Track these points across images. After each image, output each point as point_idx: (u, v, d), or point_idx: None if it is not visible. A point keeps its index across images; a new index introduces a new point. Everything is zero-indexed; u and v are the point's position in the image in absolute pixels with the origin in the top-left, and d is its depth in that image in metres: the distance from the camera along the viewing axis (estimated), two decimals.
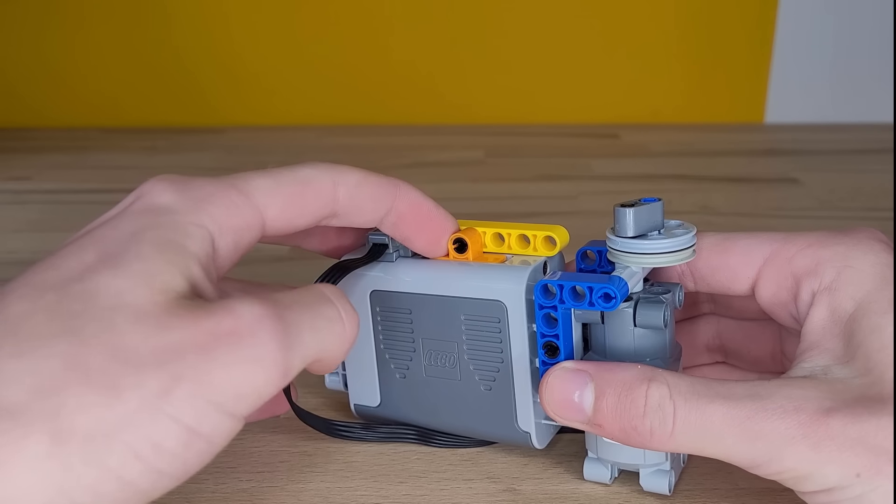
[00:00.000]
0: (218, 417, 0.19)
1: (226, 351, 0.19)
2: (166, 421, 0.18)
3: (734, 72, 0.86)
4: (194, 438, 0.19)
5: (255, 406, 0.20)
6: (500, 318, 0.28)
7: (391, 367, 0.31)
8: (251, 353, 0.19)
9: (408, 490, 0.29)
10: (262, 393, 0.20)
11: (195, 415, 0.19)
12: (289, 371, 0.20)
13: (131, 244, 0.20)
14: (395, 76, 0.87)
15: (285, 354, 0.20)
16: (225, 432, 0.19)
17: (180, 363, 0.19)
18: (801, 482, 0.23)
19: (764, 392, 0.23)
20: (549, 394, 0.25)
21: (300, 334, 0.21)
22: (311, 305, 0.22)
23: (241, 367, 0.19)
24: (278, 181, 0.24)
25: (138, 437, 0.18)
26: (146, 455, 0.18)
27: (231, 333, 0.19)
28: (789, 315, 0.27)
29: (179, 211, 0.22)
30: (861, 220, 0.58)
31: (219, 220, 0.22)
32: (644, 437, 0.24)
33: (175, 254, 0.21)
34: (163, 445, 0.18)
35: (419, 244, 0.28)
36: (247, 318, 0.20)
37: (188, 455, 0.19)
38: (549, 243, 0.28)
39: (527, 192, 0.65)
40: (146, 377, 0.18)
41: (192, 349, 0.19)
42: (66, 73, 0.86)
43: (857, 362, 0.23)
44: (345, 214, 0.26)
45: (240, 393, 0.19)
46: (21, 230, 0.56)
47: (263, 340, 0.20)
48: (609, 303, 0.25)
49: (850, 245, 0.26)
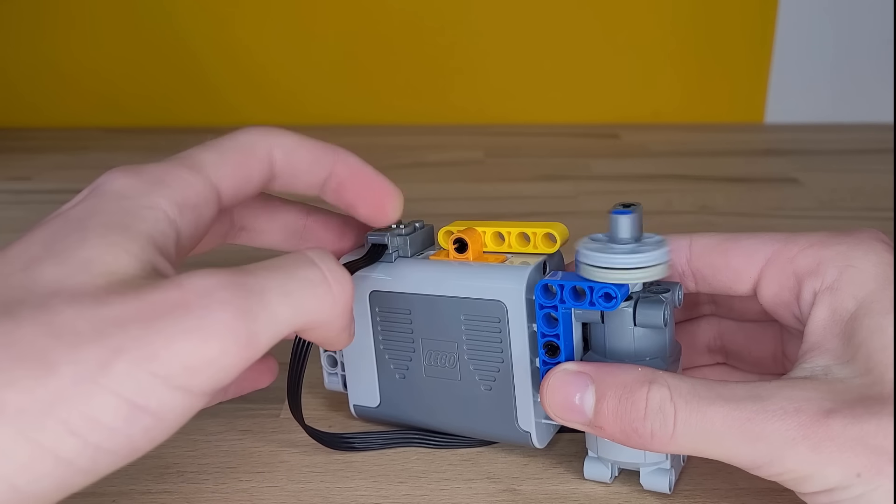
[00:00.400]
0: (166, 392, 0.18)
1: (171, 322, 0.18)
2: (104, 394, 0.17)
3: (734, 72, 0.86)
4: (138, 413, 0.18)
5: (217, 380, 0.19)
6: (501, 318, 0.28)
7: (391, 368, 0.31)
8: (200, 324, 0.18)
9: (408, 490, 0.29)
10: (223, 366, 0.19)
11: (137, 388, 0.18)
12: (254, 341, 0.19)
13: (76, 232, 0.20)
14: (395, 76, 0.87)
15: (244, 322, 0.19)
16: (178, 408, 0.19)
17: (121, 336, 0.18)
18: (802, 483, 0.23)
19: (764, 393, 0.23)
20: (549, 395, 0.26)
21: (264, 300, 0.20)
22: (282, 268, 0.21)
23: (189, 338, 0.18)
24: (222, 152, 0.24)
25: (73, 412, 0.17)
26: (82, 430, 0.17)
27: (178, 305, 0.19)
28: (792, 315, 0.27)
29: (131, 195, 0.22)
30: (861, 220, 0.58)
31: (175, 199, 0.22)
32: (645, 438, 0.24)
33: (121, 236, 0.20)
34: (100, 420, 0.17)
35: (364, 211, 0.27)
36: (195, 289, 0.19)
37: (132, 430, 0.18)
38: (549, 240, 0.28)
39: (527, 192, 0.65)
40: (83, 351, 0.18)
41: (134, 322, 0.18)
42: (66, 73, 0.86)
43: (858, 362, 0.23)
44: (283, 177, 0.26)
45: (190, 365, 0.18)
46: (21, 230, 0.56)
47: (214, 310, 0.19)
48: (610, 302, 0.25)
49: (852, 245, 0.26)
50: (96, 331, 0.18)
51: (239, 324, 0.19)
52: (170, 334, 0.18)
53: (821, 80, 0.85)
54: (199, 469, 0.30)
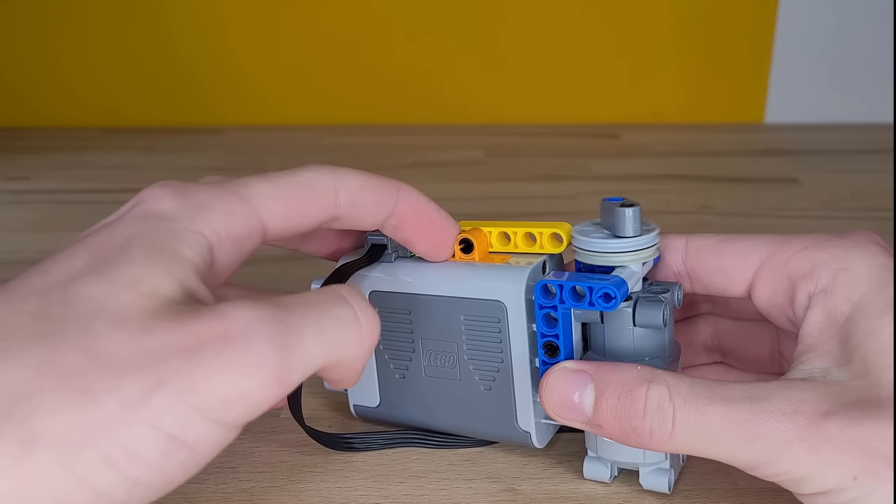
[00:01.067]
0: (203, 425, 0.18)
1: (213, 354, 0.18)
2: (144, 427, 0.17)
3: (734, 72, 0.86)
4: (175, 446, 0.18)
5: (249, 414, 0.19)
6: (500, 318, 0.28)
7: (391, 368, 0.31)
8: (241, 357, 0.18)
9: (408, 490, 0.29)
10: (256, 400, 0.19)
11: (177, 421, 0.18)
12: (287, 377, 0.19)
13: (122, 250, 0.20)
14: (395, 76, 0.87)
15: (281, 358, 0.19)
16: (212, 441, 0.18)
17: (162, 367, 0.18)
18: (799, 484, 0.23)
19: (762, 394, 0.23)
20: (549, 394, 0.26)
21: (301, 337, 0.20)
22: (318, 306, 0.21)
23: (228, 372, 0.18)
24: (279, 186, 0.24)
25: (112, 443, 0.17)
26: (120, 463, 0.17)
27: (220, 337, 0.19)
28: (786, 318, 0.27)
29: (177, 218, 0.21)
30: (861, 221, 0.58)
31: (217, 228, 0.22)
32: (643, 437, 0.24)
33: (168, 259, 0.20)
34: (139, 453, 0.17)
35: (421, 247, 0.28)
36: (238, 322, 0.19)
37: (168, 464, 0.18)
38: (555, 240, 0.28)
39: (527, 192, 0.65)
40: (124, 381, 0.17)
41: (177, 353, 0.18)
42: (65, 73, 0.86)
43: (855, 364, 0.24)
44: (346, 218, 0.26)
45: (228, 399, 0.18)
46: (21, 230, 0.56)
47: (255, 344, 0.19)
48: (609, 303, 0.25)
49: (847, 248, 0.26)
50: (138, 360, 0.18)
51: (277, 359, 0.19)
52: (210, 367, 0.18)
53: (821, 80, 0.85)
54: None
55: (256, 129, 0.86)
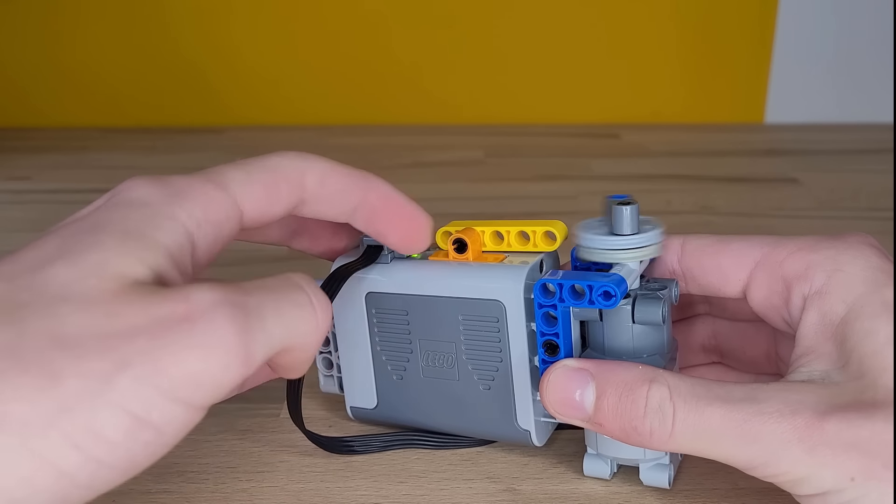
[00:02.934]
0: (168, 406, 0.18)
1: (177, 336, 0.18)
2: (109, 408, 0.17)
3: (734, 72, 0.86)
4: (140, 427, 0.18)
5: (215, 395, 0.19)
6: (499, 318, 0.28)
7: (388, 369, 0.31)
8: (205, 339, 0.19)
9: (408, 490, 0.29)
10: (221, 381, 0.19)
11: (142, 402, 0.18)
12: (250, 357, 0.19)
13: (92, 235, 0.20)
14: (395, 76, 0.87)
15: (244, 339, 0.19)
16: (177, 422, 0.19)
17: (127, 348, 0.18)
18: (797, 485, 0.23)
19: (762, 395, 0.23)
20: (550, 392, 0.26)
21: (262, 318, 0.20)
22: (276, 289, 0.21)
23: (193, 353, 0.18)
24: (249, 171, 0.24)
25: (77, 424, 0.17)
26: (85, 444, 0.17)
27: (184, 318, 0.19)
28: (781, 319, 0.27)
29: (152, 204, 0.22)
30: (861, 220, 0.58)
31: (195, 213, 0.22)
32: (644, 436, 0.24)
33: (138, 244, 0.20)
34: (103, 434, 0.17)
35: (394, 239, 0.27)
36: (201, 303, 0.19)
37: (133, 445, 0.18)
38: (548, 238, 0.28)
39: (526, 192, 0.65)
40: (88, 362, 0.17)
41: (141, 334, 0.18)
42: (65, 73, 0.86)
43: (851, 366, 0.24)
44: (313, 203, 0.26)
45: (193, 380, 0.18)
46: (21, 230, 0.56)
47: (218, 325, 0.19)
48: (609, 301, 0.25)
49: (841, 249, 0.26)
50: (103, 342, 0.18)
51: (240, 340, 0.19)
52: (175, 349, 0.18)
53: (821, 80, 0.85)
54: (199, 469, 0.30)
55: (257, 128, 0.86)
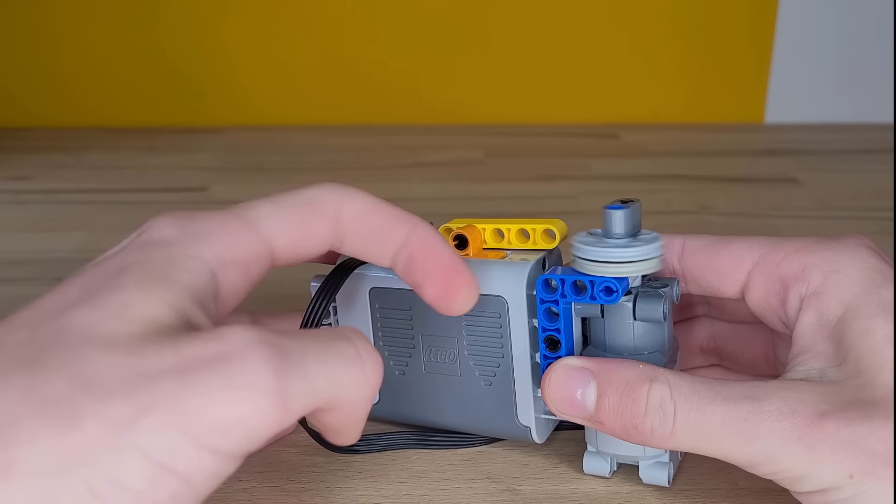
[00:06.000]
0: (196, 453, 0.17)
1: (208, 376, 0.17)
2: (131, 453, 0.16)
3: (734, 72, 0.86)
4: (165, 476, 0.16)
5: (247, 444, 0.18)
6: (501, 314, 0.28)
7: (390, 365, 0.31)
8: (238, 380, 0.17)
9: (408, 490, 0.29)
10: (255, 428, 0.17)
11: (167, 448, 0.16)
12: (288, 404, 0.18)
13: (115, 278, 0.19)
14: (395, 76, 0.87)
15: (282, 383, 0.18)
16: (207, 471, 0.17)
17: (152, 389, 0.17)
18: (796, 482, 0.23)
19: (761, 394, 0.23)
20: (551, 390, 0.26)
21: (303, 365, 0.18)
22: (321, 338, 0.20)
23: (225, 395, 0.17)
24: (280, 205, 0.23)
25: (97, 472, 0.16)
26: (105, 493, 0.16)
27: (216, 359, 0.17)
28: (778, 319, 0.27)
29: (177, 244, 0.21)
30: (861, 221, 0.58)
31: (221, 253, 0.21)
32: (644, 435, 0.24)
33: (161, 285, 0.19)
34: (126, 482, 0.16)
35: (429, 292, 0.24)
36: (236, 343, 0.18)
37: (158, 496, 0.16)
38: (548, 236, 0.29)
39: (526, 192, 0.65)
40: (111, 405, 0.16)
41: (169, 375, 0.17)
42: (65, 74, 0.86)
43: (849, 365, 0.24)
44: (351, 240, 0.24)
45: (224, 425, 0.17)
46: (21, 230, 0.56)
47: (254, 366, 0.17)
48: (611, 296, 0.25)
49: (837, 251, 0.26)
50: (127, 383, 0.17)
51: (277, 384, 0.18)
52: (205, 390, 0.17)
53: (821, 80, 0.85)
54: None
55: (256, 129, 0.86)
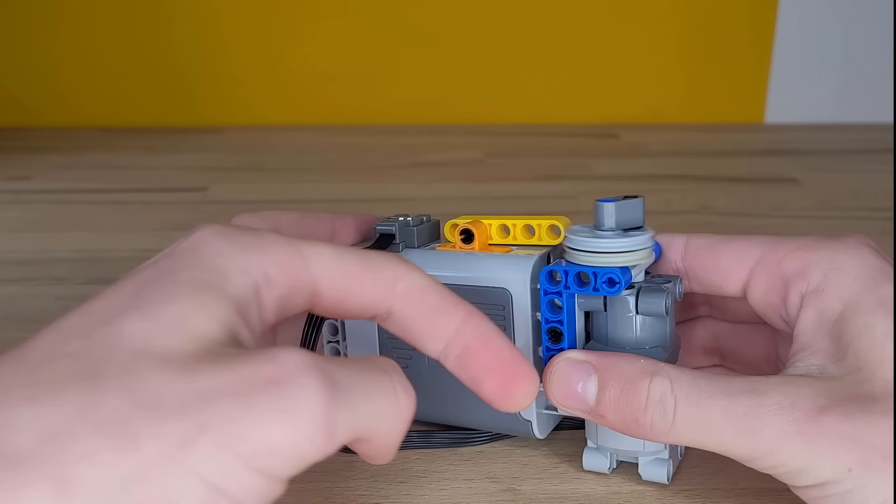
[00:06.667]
0: (248, 476, 0.17)
1: (264, 399, 0.17)
2: (186, 475, 0.16)
3: (734, 72, 0.86)
4: (217, 498, 0.16)
5: (294, 468, 0.18)
6: (505, 306, 0.28)
7: (393, 359, 0.31)
8: (293, 404, 0.17)
9: (408, 490, 0.29)
10: (303, 452, 0.17)
11: (221, 470, 0.16)
12: (334, 432, 0.18)
13: (165, 285, 0.19)
14: (394, 76, 0.87)
15: (331, 412, 0.18)
16: (256, 494, 0.17)
17: (208, 410, 0.17)
18: (795, 476, 0.23)
19: (761, 388, 0.23)
20: (552, 383, 0.26)
21: (349, 395, 0.18)
22: (364, 369, 0.20)
23: (279, 419, 0.17)
24: (341, 255, 0.22)
25: (152, 492, 0.16)
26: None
27: (271, 381, 0.17)
28: (780, 317, 0.27)
29: (225, 255, 0.20)
30: (861, 220, 0.58)
31: (267, 270, 0.21)
32: (645, 428, 0.24)
33: (211, 297, 0.19)
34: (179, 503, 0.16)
35: (488, 387, 0.23)
36: (291, 366, 0.18)
37: None
38: (553, 232, 0.29)
39: (526, 192, 0.65)
40: (167, 425, 0.16)
41: (225, 396, 0.17)
42: (65, 74, 0.86)
43: (848, 360, 0.24)
44: (399, 314, 0.23)
45: (275, 449, 0.17)
46: (21, 230, 0.56)
47: (309, 391, 0.17)
48: (613, 287, 0.25)
49: (838, 249, 0.26)
50: (183, 402, 0.17)
51: (328, 411, 0.18)
52: (259, 412, 0.17)
53: (821, 79, 0.85)
54: None
55: (256, 128, 0.86)
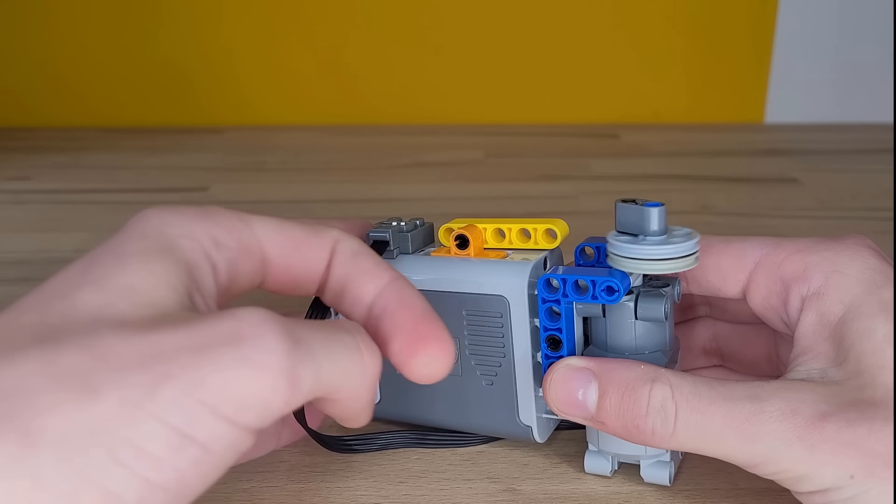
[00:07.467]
0: (213, 422, 0.17)
1: (225, 351, 0.18)
2: (150, 421, 0.17)
3: (735, 72, 0.86)
4: (185, 443, 0.17)
5: (261, 418, 0.18)
6: (503, 313, 0.28)
7: (390, 365, 0.31)
8: (253, 355, 0.18)
9: (408, 490, 0.29)
10: (269, 403, 0.18)
11: (185, 416, 0.17)
12: (297, 383, 0.18)
13: (113, 258, 0.20)
14: (394, 76, 0.87)
15: (293, 361, 0.18)
16: (225, 441, 0.18)
17: (170, 362, 0.17)
18: (797, 483, 0.23)
19: (763, 394, 0.23)
20: (553, 391, 0.26)
21: (311, 349, 0.19)
22: (325, 328, 0.20)
23: (240, 369, 0.18)
24: (283, 221, 0.23)
25: (118, 439, 0.16)
26: (129, 460, 0.16)
27: (231, 335, 0.18)
28: (780, 320, 0.27)
29: (170, 223, 0.21)
30: (861, 221, 0.58)
31: (213, 233, 0.22)
32: (646, 435, 0.24)
33: (159, 264, 0.20)
34: (147, 449, 0.16)
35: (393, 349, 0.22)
36: (250, 321, 0.18)
37: (180, 463, 0.17)
38: (549, 236, 0.29)
39: (527, 192, 0.65)
40: (129, 376, 0.17)
41: (185, 350, 0.17)
42: (65, 74, 0.86)
43: (849, 365, 0.24)
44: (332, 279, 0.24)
45: (239, 397, 0.17)
46: (21, 230, 0.56)
47: (268, 343, 0.18)
48: (612, 296, 0.25)
49: (839, 251, 0.26)
50: (144, 356, 0.17)
51: (289, 362, 0.18)
52: (221, 363, 0.17)
53: (821, 79, 0.85)
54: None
55: (256, 128, 0.86)
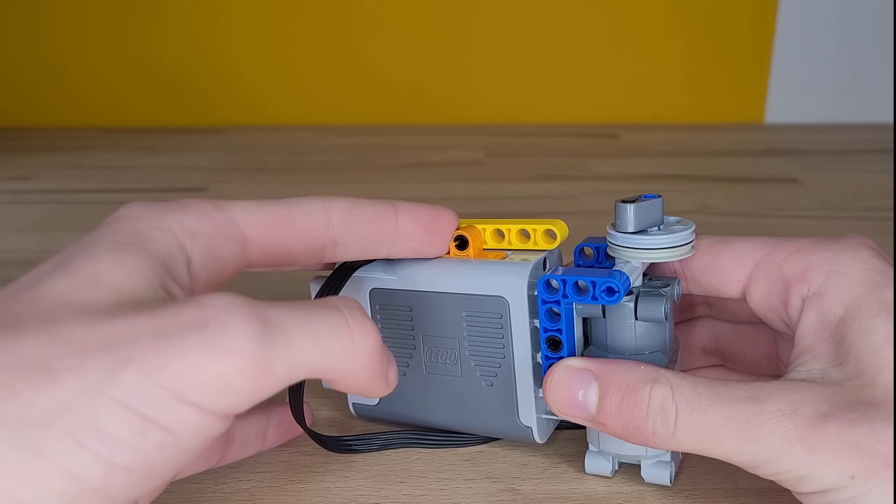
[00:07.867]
0: (177, 406, 0.17)
1: (186, 336, 0.18)
2: (111, 404, 0.17)
3: (735, 72, 0.86)
4: (148, 427, 0.17)
5: (232, 402, 0.18)
6: (502, 314, 0.28)
7: None
8: (217, 341, 0.18)
9: (408, 490, 0.29)
10: (238, 387, 0.18)
11: (145, 399, 0.17)
12: (269, 367, 0.18)
13: (85, 250, 0.20)
14: (395, 76, 0.87)
15: (261, 345, 0.18)
16: (191, 425, 0.18)
17: (130, 347, 0.17)
18: (798, 483, 0.23)
19: (763, 394, 0.23)
20: (553, 392, 0.26)
21: (285, 331, 0.19)
22: (306, 307, 0.20)
23: (202, 353, 0.18)
24: (261, 204, 0.24)
25: (78, 422, 0.16)
26: (90, 443, 0.16)
27: (195, 321, 0.18)
28: (780, 320, 0.27)
29: (142, 218, 0.22)
30: (861, 221, 0.58)
31: (187, 224, 0.22)
32: (646, 436, 0.24)
33: (130, 254, 0.20)
34: (108, 432, 0.17)
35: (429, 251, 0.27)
36: (215, 307, 0.18)
37: (143, 445, 0.17)
38: (548, 237, 0.29)
39: (526, 192, 0.65)
40: (89, 361, 0.17)
41: (146, 335, 0.18)
42: (65, 73, 0.86)
43: (850, 365, 0.24)
44: (345, 239, 0.25)
45: (202, 381, 0.18)
46: (21, 230, 0.56)
47: (232, 328, 0.18)
48: (612, 297, 0.25)
49: (839, 251, 0.26)
50: (104, 342, 0.17)
51: (257, 345, 0.18)
52: (182, 347, 0.18)
53: (821, 79, 0.85)
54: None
55: (256, 129, 0.86)
